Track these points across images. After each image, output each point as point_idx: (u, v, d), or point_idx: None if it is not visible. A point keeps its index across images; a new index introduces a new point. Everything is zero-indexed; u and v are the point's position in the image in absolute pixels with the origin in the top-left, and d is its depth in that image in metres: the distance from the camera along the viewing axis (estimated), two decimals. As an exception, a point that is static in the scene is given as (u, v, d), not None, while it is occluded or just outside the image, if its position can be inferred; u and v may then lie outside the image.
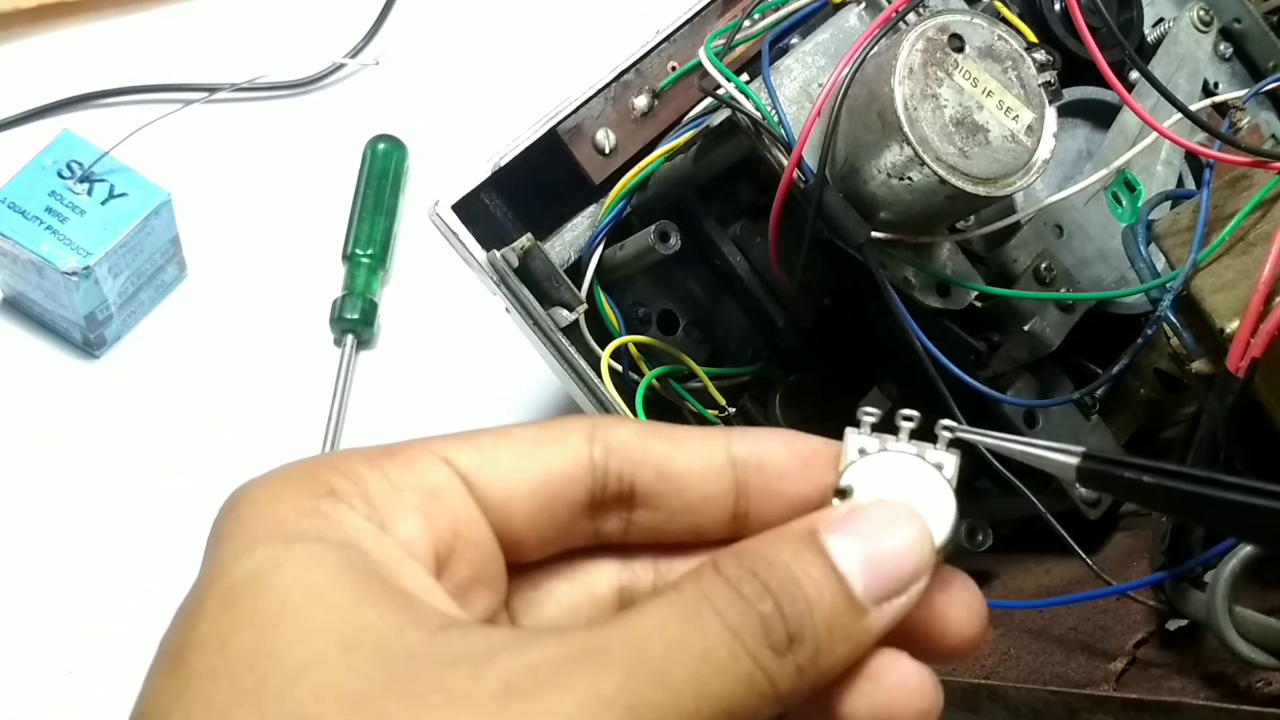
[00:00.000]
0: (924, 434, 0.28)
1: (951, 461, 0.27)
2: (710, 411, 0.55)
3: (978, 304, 0.51)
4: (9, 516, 0.61)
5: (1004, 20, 0.49)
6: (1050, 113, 0.45)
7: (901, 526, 0.26)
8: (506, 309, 0.52)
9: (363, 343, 0.70)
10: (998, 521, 0.53)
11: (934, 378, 0.47)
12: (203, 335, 0.68)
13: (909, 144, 0.43)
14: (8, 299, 0.67)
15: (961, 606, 0.27)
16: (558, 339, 0.51)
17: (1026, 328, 0.52)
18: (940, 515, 0.26)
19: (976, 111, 0.44)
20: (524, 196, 0.53)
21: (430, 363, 0.70)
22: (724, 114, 0.48)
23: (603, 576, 0.29)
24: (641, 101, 0.54)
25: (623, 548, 0.29)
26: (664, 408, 0.54)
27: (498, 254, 0.50)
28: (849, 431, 0.27)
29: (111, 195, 0.63)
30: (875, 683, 0.25)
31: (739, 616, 0.23)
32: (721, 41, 0.50)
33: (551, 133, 0.52)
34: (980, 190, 0.44)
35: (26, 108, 0.73)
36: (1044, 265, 0.52)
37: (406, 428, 0.67)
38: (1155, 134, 0.52)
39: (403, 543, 0.25)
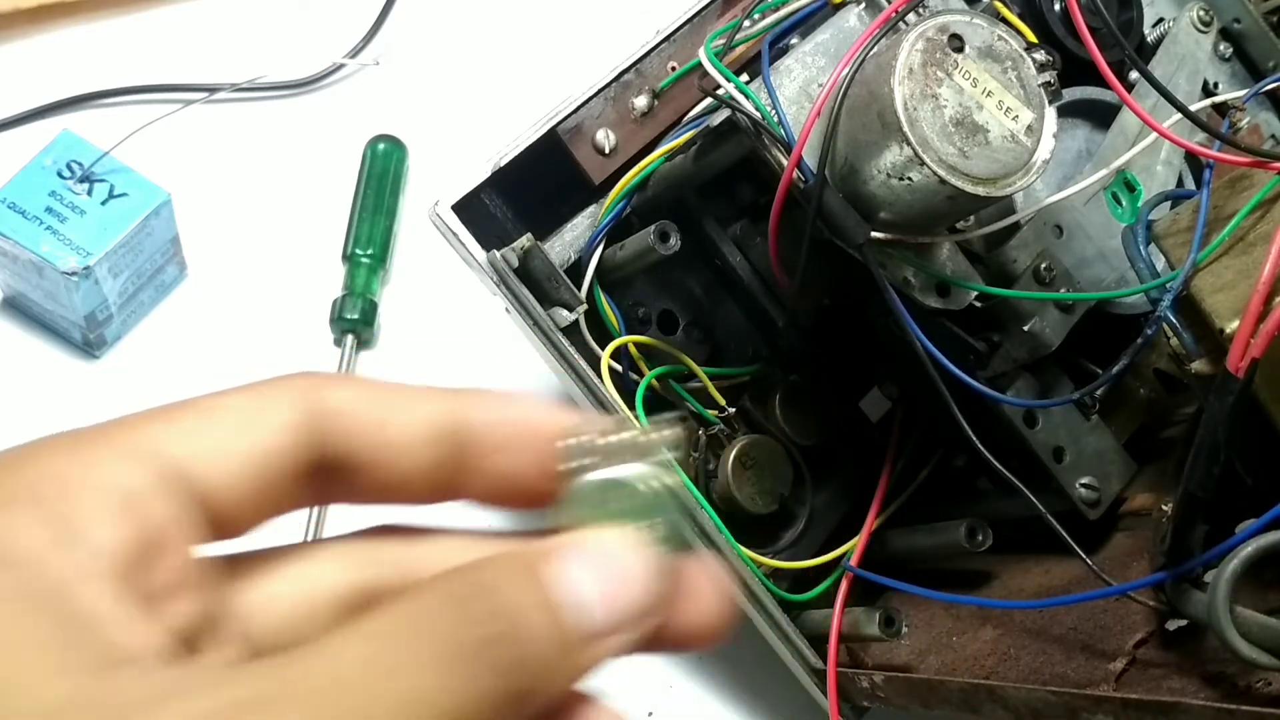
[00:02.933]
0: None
1: (671, 454, 0.26)
2: (710, 411, 0.55)
3: (977, 304, 0.51)
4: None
5: (1004, 20, 0.49)
6: (1050, 113, 0.45)
7: (629, 559, 0.24)
8: (506, 309, 0.52)
9: (363, 343, 0.69)
10: (997, 522, 0.53)
11: (934, 378, 0.47)
12: (203, 335, 0.68)
13: (909, 144, 0.43)
14: (8, 299, 0.67)
15: (698, 599, 0.26)
16: (557, 339, 0.51)
17: (1026, 328, 0.52)
18: (666, 521, 0.25)
19: (976, 112, 0.44)
20: (524, 196, 0.53)
21: (430, 363, 0.70)
22: (724, 114, 0.48)
23: (335, 572, 0.27)
24: (641, 101, 0.54)
25: (359, 540, 0.28)
26: (664, 407, 0.54)
27: (498, 254, 0.50)
28: (563, 441, 0.26)
29: (111, 195, 0.63)
30: None
31: (458, 643, 0.22)
32: (721, 42, 0.50)
33: (551, 133, 0.52)
34: (980, 190, 0.44)
35: (26, 108, 0.73)
36: (1044, 265, 0.52)
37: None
38: (1155, 134, 0.52)
39: (88, 556, 0.22)
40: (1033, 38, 0.49)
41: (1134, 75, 0.58)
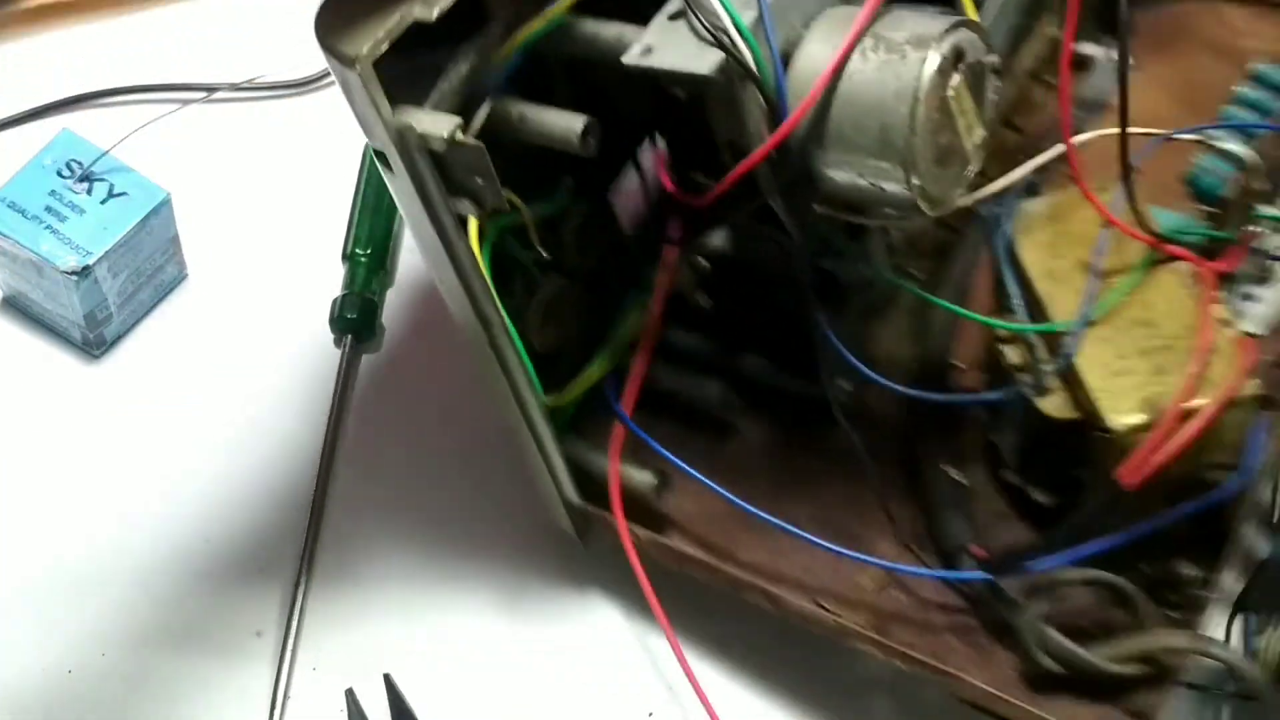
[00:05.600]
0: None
1: None
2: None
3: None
4: (7, 516, 0.61)
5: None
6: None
7: None
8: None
9: (363, 342, 0.70)
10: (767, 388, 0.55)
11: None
12: (202, 335, 0.68)
13: (902, 166, 0.42)
14: (7, 298, 0.67)
15: None
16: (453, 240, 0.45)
17: None
18: None
19: (956, 136, 0.43)
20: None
21: (431, 362, 0.70)
22: (713, 60, 0.42)
23: None
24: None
25: None
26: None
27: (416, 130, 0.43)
28: None
29: (111, 194, 0.64)
30: None
31: None
32: None
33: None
34: (934, 212, 0.43)
35: (26, 107, 0.73)
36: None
37: (405, 427, 0.67)
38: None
39: None
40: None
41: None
